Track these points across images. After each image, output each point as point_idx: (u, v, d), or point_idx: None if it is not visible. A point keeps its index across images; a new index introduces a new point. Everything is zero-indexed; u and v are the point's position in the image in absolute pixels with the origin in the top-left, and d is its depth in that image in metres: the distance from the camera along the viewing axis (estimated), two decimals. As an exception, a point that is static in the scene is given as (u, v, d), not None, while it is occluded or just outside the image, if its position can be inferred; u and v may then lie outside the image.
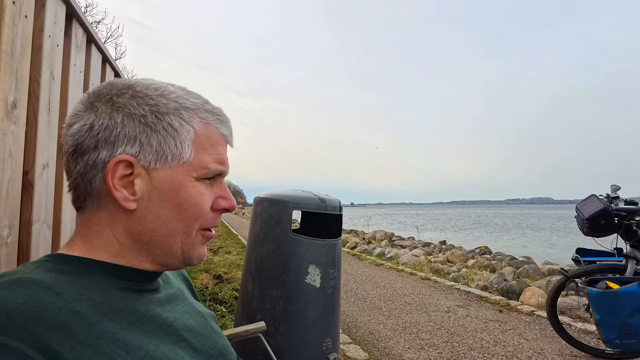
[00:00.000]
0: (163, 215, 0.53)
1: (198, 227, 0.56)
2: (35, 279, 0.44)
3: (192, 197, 0.54)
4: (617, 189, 3.01)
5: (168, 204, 0.53)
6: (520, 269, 6.26)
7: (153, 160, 0.52)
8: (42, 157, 0.98)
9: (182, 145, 0.53)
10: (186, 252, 0.56)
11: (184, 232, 0.55)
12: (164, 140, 0.52)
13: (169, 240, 0.54)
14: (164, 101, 0.54)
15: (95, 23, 8.63)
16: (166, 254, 0.55)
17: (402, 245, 11.21)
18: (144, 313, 0.51)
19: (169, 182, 0.53)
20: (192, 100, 0.56)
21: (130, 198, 0.52)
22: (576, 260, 3.17)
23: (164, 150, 0.52)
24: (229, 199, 0.59)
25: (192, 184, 0.54)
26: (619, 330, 2.56)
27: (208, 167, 0.55)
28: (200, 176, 0.55)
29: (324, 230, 2.18)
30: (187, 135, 0.54)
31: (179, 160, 0.53)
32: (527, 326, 3.73)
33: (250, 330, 1.27)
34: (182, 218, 0.54)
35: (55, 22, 1.02)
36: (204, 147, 0.55)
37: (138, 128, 0.52)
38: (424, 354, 3.04)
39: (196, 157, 0.54)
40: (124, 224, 0.53)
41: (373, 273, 6.61)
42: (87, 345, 0.41)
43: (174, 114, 0.54)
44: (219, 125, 0.57)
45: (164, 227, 0.54)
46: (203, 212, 0.55)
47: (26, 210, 0.92)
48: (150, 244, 0.54)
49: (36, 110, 0.95)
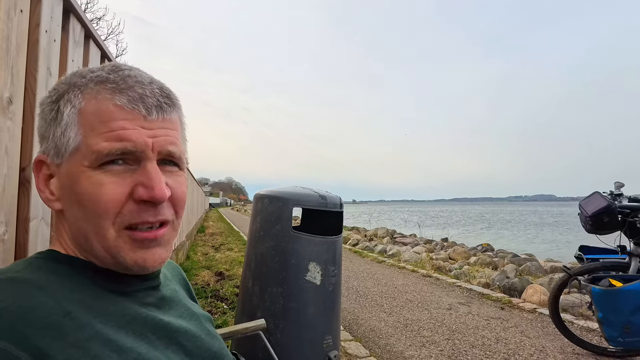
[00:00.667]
0: (74, 215, 0.48)
1: (117, 226, 0.47)
2: (26, 279, 0.43)
3: (87, 190, 0.46)
4: (621, 186, 2.99)
5: (74, 202, 0.47)
6: (523, 267, 6.24)
7: (55, 156, 0.48)
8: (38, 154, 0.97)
9: (66, 131, 0.47)
10: (115, 257, 0.48)
11: (96, 232, 0.47)
12: (54, 131, 0.48)
13: (89, 242, 0.48)
14: (61, 87, 0.49)
15: (95, 19, 8.63)
16: (98, 256, 0.49)
17: (403, 243, 11.20)
18: (135, 316, 0.50)
19: (67, 177, 0.47)
20: (88, 75, 0.49)
21: (51, 198, 0.50)
22: (579, 258, 3.16)
23: (56, 142, 0.48)
24: (148, 186, 0.47)
25: (86, 175, 0.46)
26: (622, 328, 2.55)
27: (97, 150, 0.45)
28: (94, 163, 0.46)
29: (324, 228, 2.18)
30: (69, 119, 0.47)
31: (67, 149, 0.47)
32: (529, 324, 3.72)
33: (250, 328, 1.26)
34: (86, 216, 0.47)
35: (52, 17, 1.01)
36: (92, 126, 0.46)
37: (43, 124, 0.50)
38: (425, 351, 3.03)
39: (83, 141, 0.46)
40: (66, 225, 0.51)
41: (374, 270, 6.61)
42: (77, 347, 0.40)
43: (63, 98, 0.48)
44: (111, 95, 0.47)
45: (80, 229, 0.48)
46: (105, 206, 0.46)
47: (23, 207, 0.91)
48: (83, 245, 0.49)
49: (33, 107, 0.94)
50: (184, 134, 0.56)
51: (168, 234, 0.52)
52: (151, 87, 0.49)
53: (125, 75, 0.49)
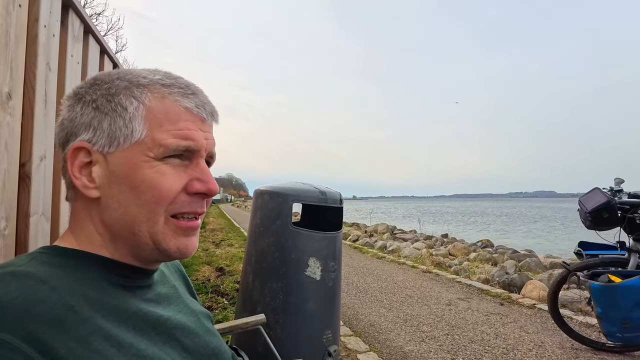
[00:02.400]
0: (123, 201, 0.50)
1: (167, 213, 0.51)
2: (30, 272, 0.44)
3: (149, 177, 0.50)
4: (621, 182, 2.99)
5: (126, 188, 0.50)
6: (522, 262, 6.26)
7: (107, 144, 0.50)
8: (39, 148, 0.97)
9: (131, 123, 0.50)
10: (159, 244, 0.51)
11: (148, 218, 0.50)
12: (113, 122, 0.51)
13: (134, 229, 0.51)
14: (117, 82, 0.52)
15: (95, 15, 8.58)
16: (137, 245, 0.52)
17: (403, 239, 11.23)
18: (136, 311, 0.50)
19: (124, 165, 0.50)
20: (150, 77, 0.53)
21: (90, 185, 0.51)
22: (578, 254, 3.16)
23: (115, 132, 0.50)
24: (205, 181, 0.53)
25: (150, 164, 0.50)
26: (620, 324, 2.56)
27: (165, 144, 0.50)
28: (159, 155, 0.50)
29: (324, 223, 2.18)
30: (135, 113, 0.51)
31: (130, 140, 0.50)
32: (528, 319, 3.73)
33: (250, 323, 1.27)
34: (141, 202, 0.50)
35: (51, 12, 1.01)
36: (159, 123, 0.51)
37: (91, 114, 0.52)
38: (425, 346, 3.05)
39: (150, 134, 0.50)
40: (98, 214, 0.52)
41: (374, 266, 6.62)
42: (80, 342, 0.40)
43: (124, 93, 0.52)
44: (179, 98, 0.53)
45: (127, 214, 0.50)
46: (166, 194, 0.50)
47: (24, 202, 0.91)
48: (121, 234, 0.51)
49: (32, 102, 0.94)
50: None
51: (200, 224, 0.57)
52: (207, 97, 0.57)
53: (187, 83, 0.55)
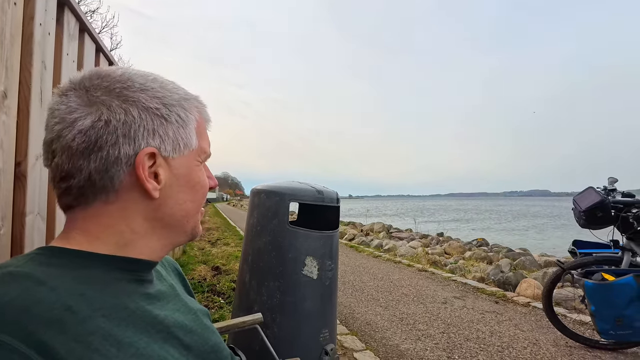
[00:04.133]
0: (181, 198, 0.59)
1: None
2: (28, 273, 0.43)
3: (201, 178, 0.61)
4: (614, 182, 3.02)
5: (185, 188, 0.59)
6: (517, 261, 6.30)
7: (171, 150, 0.56)
8: (34, 147, 0.96)
9: (190, 133, 0.59)
10: (194, 229, 0.63)
11: (196, 210, 0.62)
12: (177, 131, 0.57)
13: (185, 220, 0.60)
14: (168, 93, 0.58)
15: (89, 12, 8.51)
16: (180, 233, 0.61)
17: (399, 237, 11.26)
18: (135, 309, 0.50)
19: (184, 168, 0.59)
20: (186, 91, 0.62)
21: (157, 187, 0.56)
22: (572, 252, 3.19)
23: (178, 140, 0.57)
24: (213, 178, 0.66)
25: (199, 167, 0.61)
26: (614, 321, 2.59)
27: (206, 152, 0.63)
28: (202, 160, 0.62)
29: (321, 222, 2.18)
30: (192, 124, 0.59)
31: (189, 147, 0.59)
32: (522, 317, 3.76)
33: (247, 322, 1.27)
34: (195, 198, 0.61)
35: (47, 10, 1.00)
36: (201, 133, 0.61)
37: (155, 121, 0.55)
38: (421, 344, 3.07)
39: (199, 143, 0.61)
40: (142, 213, 0.55)
41: (371, 265, 6.64)
42: (79, 341, 0.40)
43: (179, 105, 0.58)
44: (204, 113, 0.63)
45: (182, 209, 0.59)
46: (207, 190, 0.63)
47: (19, 201, 0.91)
48: (169, 226, 0.59)
49: (28, 100, 0.94)
50: None
51: None
52: None
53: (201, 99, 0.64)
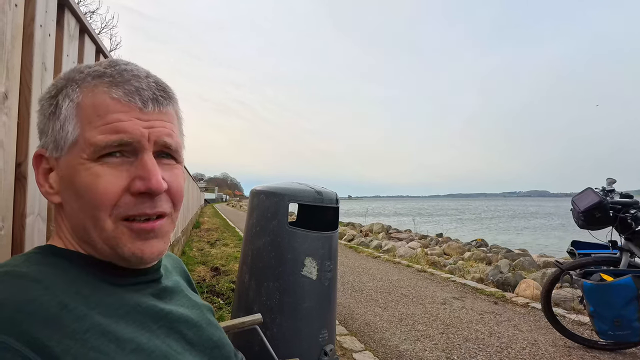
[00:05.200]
0: (73, 206, 0.49)
1: (114, 217, 0.48)
2: (24, 272, 0.44)
3: (84, 181, 0.47)
4: (613, 182, 3.03)
5: (72, 194, 0.48)
6: (516, 262, 6.31)
7: (54, 150, 0.49)
8: (35, 148, 0.97)
9: (64, 125, 0.48)
10: (114, 248, 0.49)
11: (93, 224, 0.48)
12: (54, 126, 0.49)
13: (88, 233, 0.49)
14: (60, 82, 0.50)
15: (89, 13, 8.51)
16: (97, 248, 0.50)
17: (399, 238, 11.26)
18: (135, 306, 0.50)
19: (67, 170, 0.48)
20: (86, 70, 0.50)
21: (50, 191, 0.51)
22: (571, 253, 3.20)
23: (55, 136, 0.49)
24: (145, 178, 0.48)
25: (85, 167, 0.47)
26: (612, 322, 2.59)
27: (95, 143, 0.47)
28: (91, 155, 0.47)
29: (320, 223, 2.19)
30: (67, 113, 0.48)
31: (66, 143, 0.48)
32: (521, 318, 3.76)
33: (247, 322, 1.27)
34: (84, 208, 0.48)
35: (47, 11, 1.01)
36: (89, 120, 0.48)
37: (43, 120, 0.51)
38: (420, 345, 3.07)
39: (81, 134, 0.47)
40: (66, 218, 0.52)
41: (370, 265, 6.64)
42: (75, 339, 0.41)
43: (62, 93, 0.49)
44: (107, 89, 0.48)
45: (79, 220, 0.49)
46: (102, 197, 0.47)
47: (20, 202, 0.91)
48: (84, 239, 0.50)
49: (28, 102, 0.94)
50: (181, 128, 0.57)
51: (166, 226, 0.53)
52: (147, 80, 0.51)
53: (121, 69, 0.50)
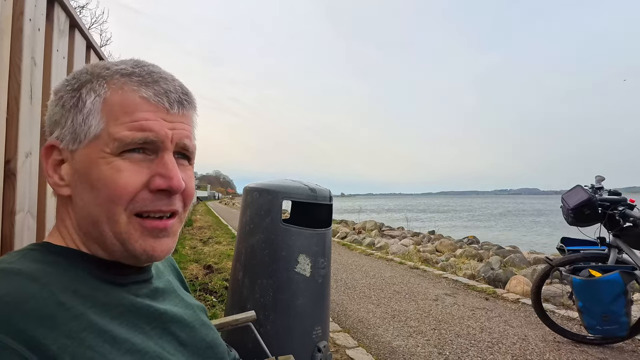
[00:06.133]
0: (86, 199, 0.49)
1: (128, 212, 0.48)
2: (20, 270, 0.43)
3: (104, 175, 0.47)
4: (602, 180, 3.07)
5: (87, 186, 0.48)
6: (507, 258, 6.39)
7: (71, 142, 0.49)
8: (24, 145, 0.95)
9: (88, 118, 0.48)
10: (124, 244, 0.49)
11: (107, 217, 0.48)
12: (74, 118, 0.49)
13: (98, 228, 0.49)
14: (83, 76, 0.51)
15: (79, 8, 8.37)
16: (106, 245, 0.50)
17: (391, 235, 11.32)
18: (129, 307, 0.50)
19: (84, 162, 0.48)
20: (114, 68, 0.50)
21: (60, 183, 0.50)
22: (561, 249, 3.24)
23: (76, 129, 0.49)
24: (167, 177, 0.49)
25: (106, 160, 0.47)
26: (600, 317, 2.64)
27: (120, 138, 0.47)
28: (115, 150, 0.48)
29: (314, 220, 2.19)
30: (92, 107, 0.48)
31: (87, 136, 0.48)
32: (512, 313, 3.82)
33: (240, 320, 1.27)
34: (99, 201, 0.48)
35: (36, 6, 0.99)
36: (115, 116, 0.48)
37: (60, 111, 0.51)
38: (412, 341, 3.09)
39: (105, 129, 0.48)
40: (73, 212, 0.51)
41: (363, 262, 6.67)
42: (72, 338, 0.40)
43: (86, 87, 0.50)
44: (137, 87, 0.49)
45: (90, 214, 0.49)
46: (121, 191, 0.47)
47: (9, 200, 0.90)
48: (91, 233, 0.50)
49: (17, 97, 0.92)
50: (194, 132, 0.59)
51: (176, 225, 0.54)
52: (174, 83, 0.52)
53: (150, 70, 0.51)
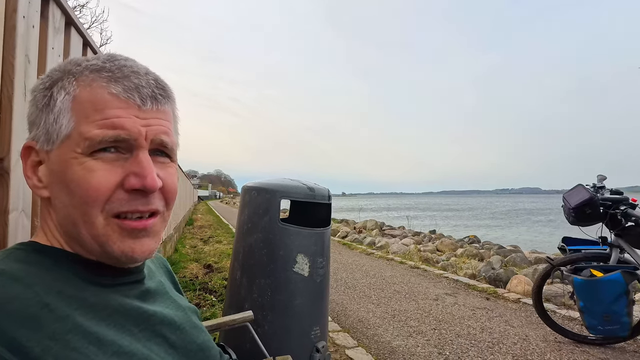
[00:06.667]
0: (63, 201, 0.48)
1: (105, 214, 0.47)
2: (3, 270, 0.43)
3: (77, 176, 0.46)
4: (603, 179, 3.06)
5: (63, 188, 0.47)
6: (508, 258, 6.37)
7: (45, 142, 0.48)
8: (18, 143, 0.94)
9: (58, 118, 0.47)
10: (103, 246, 0.48)
11: (83, 219, 0.47)
12: (47, 118, 0.48)
13: (77, 230, 0.48)
14: (55, 74, 0.49)
15: (78, 7, 8.37)
16: (85, 245, 0.49)
17: (392, 235, 11.30)
18: (117, 308, 0.49)
19: (57, 164, 0.48)
20: (84, 63, 0.49)
21: (39, 185, 0.50)
22: (562, 249, 3.23)
23: (48, 129, 0.48)
24: (141, 175, 0.47)
25: (78, 161, 0.46)
26: (601, 317, 2.63)
27: (90, 137, 0.46)
28: (86, 150, 0.46)
29: (312, 220, 2.18)
30: (62, 106, 0.47)
31: (59, 136, 0.47)
32: (513, 313, 3.80)
33: (238, 320, 1.26)
34: (73, 203, 0.47)
35: (30, 3, 0.98)
36: (85, 114, 0.47)
37: (35, 111, 0.50)
38: (412, 341, 3.08)
39: (76, 128, 0.47)
40: (54, 212, 0.51)
41: (363, 262, 6.66)
42: (56, 340, 0.40)
43: (57, 85, 0.48)
44: (106, 84, 0.48)
45: (69, 215, 0.48)
46: (94, 193, 0.46)
47: (2, 199, 0.89)
48: (72, 235, 0.49)
49: (11, 95, 0.91)
50: (176, 126, 0.57)
51: (157, 224, 0.52)
52: (147, 77, 0.50)
53: (121, 64, 0.49)
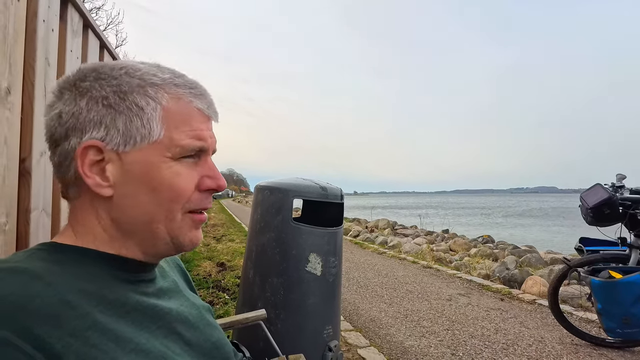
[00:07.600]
0: (140, 200, 0.51)
1: (183, 210, 0.53)
2: (26, 268, 0.44)
3: (167, 178, 0.51)
4: (623, 178, 2.98)
5: (143, 188, 0.51)
6: (523, 258, 6.26)
7: (122, 143, 0.50)
8: (39, 144, 0.97)
9: (149, 124, 0.51)
10: (175, 238, 0.54)
11: (166, 216, 0.52)
12: (129, 121, 0.50)
13: (152, 226, 0.52)
14: (127, 79, 0.52)
15: (94, 9, 8.54)
16: (154, 241, 0.53)
17: (404, 234, 11.23)
18: (135, 306, 0.50)
19: (140, 165, 0.51)
20: (160, 75, 0.53)
21: (103, 184, 0.51)
22: (579, 250, 3.16)
23: (131, 132, 0.50)
24: (215, 178, 0.55)
25: (167, 165, 0.51)
26: (620, 320, 2.56)
27: (182, 145, 0.52)
28: (175, 155, 0.52)
29: (325, 219, 2.18)
30: (153, 113, 0.51)
31: (148, 140, 0.51)
32: (528, 315, 3.74)
33: (251, 318, 1.27)
34: (160, 202, 0.51)
35: (50, 6, 1.00)
36: (175, 124, 0.52)
37: (102, 111, 0.50)
38: (425, 341, 3.06)
39: (167, 135, 0.51)
40: (107, 211, 0.52)
41: (375, 261, 6.64)
42: (76, 336, 0.40)
43: (138, 92, 0.51)
44: (192, 99, 0.54)
45: (144, 214, 0.52)
46: (182, 193, 0.52)
47: (24, 198, 0.91)
48: (135, 232, 0.52)
49: (32, 97, 0.94)
50: None
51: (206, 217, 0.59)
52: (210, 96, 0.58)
53: (193, 82, 0.56)
